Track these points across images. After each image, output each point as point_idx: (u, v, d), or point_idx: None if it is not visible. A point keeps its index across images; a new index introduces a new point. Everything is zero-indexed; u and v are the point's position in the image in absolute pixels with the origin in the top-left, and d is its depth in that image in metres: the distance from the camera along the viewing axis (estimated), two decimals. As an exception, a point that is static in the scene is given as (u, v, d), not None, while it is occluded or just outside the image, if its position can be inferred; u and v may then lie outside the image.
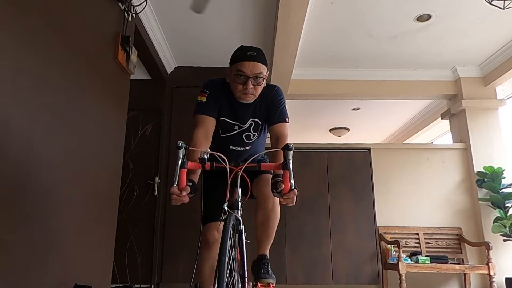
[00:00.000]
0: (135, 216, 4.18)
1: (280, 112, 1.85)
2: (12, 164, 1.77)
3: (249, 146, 1.93)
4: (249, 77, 1.70)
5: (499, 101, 4.81)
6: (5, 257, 1.71)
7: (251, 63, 1.69)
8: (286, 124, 1.85)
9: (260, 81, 1.74)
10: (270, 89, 1.89)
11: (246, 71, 1.70)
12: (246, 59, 1.70)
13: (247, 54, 1.71)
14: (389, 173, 4.70)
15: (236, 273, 1.51)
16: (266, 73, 1.76)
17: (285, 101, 1.92)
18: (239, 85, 1.73)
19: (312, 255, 4.35)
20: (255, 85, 1.73)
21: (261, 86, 1.78)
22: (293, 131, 7.40)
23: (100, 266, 2.72)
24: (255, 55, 1.71)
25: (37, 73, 1.96)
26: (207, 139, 1.78)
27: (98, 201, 2.67)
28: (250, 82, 1.71)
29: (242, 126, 1.88)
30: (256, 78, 1.72)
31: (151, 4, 3.56)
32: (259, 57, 1.73)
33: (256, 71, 1.70)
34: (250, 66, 1.69)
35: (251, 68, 1.69)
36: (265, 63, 1.75)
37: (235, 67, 1.73)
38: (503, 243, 4.22)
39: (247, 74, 1.70)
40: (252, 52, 1.72)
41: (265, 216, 1.80)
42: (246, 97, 1.76)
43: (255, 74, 1.71)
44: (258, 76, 1.71)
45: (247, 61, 1.69)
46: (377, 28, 4.04)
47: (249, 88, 1.72)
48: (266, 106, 1.87)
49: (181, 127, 4.49)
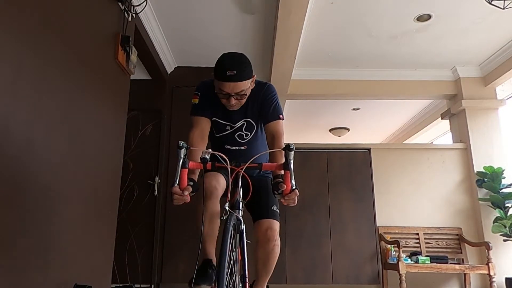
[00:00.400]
0: (135, 216, 4.17)
1: (273, 109, 1.83)
2: (12, 164, 1.76)
3: (244, 146, 1.91)
4: (231, 95, 1.69)
5: (499, 101, 4.81)
6: (5, 257, 1.71)
7: (231, 84, 1.65)
8: (281, 121, 1.83)
9: (243, 95, 1.71)
10: (261, 87, 1.86)
11: (227, 90, 1.67)
12: (226, 80, 1.64)
13: (227, 74, 1.63)
14: (389, 173, 4.70)
15: (237, 273, 1.51)
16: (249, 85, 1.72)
17: (278, 97, 1.89)
18: (223, 100, 1.73)
19: (312, 255, 4.35)
20: (238, 99, 1.71)
21: (246, 96, 1.75)
22: (293, 131, 7.40)
23: (100, 266, 2.71)
24: (234, 75, 1.63)
25: (37, 73, 1.96)
26: (203, 139, 1.80)
27: (98, 201, 2.67)
28: (232, 98, 1.69)
29: (234, 126, 1.88)
30: (238, 95, 1.69)
31: (151, 4, 3.56)
32: (240, 75, 1.64)
33: (236, 90, 1.67)
34: (230, 86, 1.66)
35: (232, 88, 1.66)
36: (247, 77, 1.68)
37: (216, 83, 1.70)
38: (503, 243, 4.22)
39: (229, 92, 1.68)
40: (232, 72, 1.62)
41: (265, 255, 1.82)
42: (231, 107, 1.76)
43: (236, 92, 1.68)
44: (240, 93, 1.69)
45: (227, 82, 1.65)
46: (377, 28, 4.04)
47: (232, 104, 1.71)
48: (259, 104, 1.85)
49: (181, 127, 4.48)
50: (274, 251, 1.82)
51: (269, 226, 1.79)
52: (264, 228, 1.79)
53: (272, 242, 1.78)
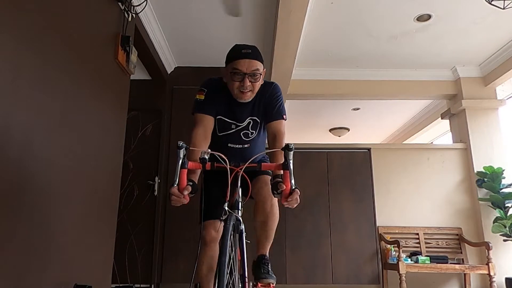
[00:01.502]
0: (135, 216, 4.18)
1: (277, 109, 1.85)
2: (12, 164, 1.77)
3: (247, 144, 1.92)
4: (246, 74, 1.71)
5: (499, 101, 4.81)
6: (5, 257, 1.71)
7: (247, 61, 1.71)
8: (283, 121, 1.85)
9: (257, 77, 1.74)
10: (268, 86, 1.89)
11: (242, 68, 1.70)
12: (242, 57, 1.71)
13: (242, 52, 1.72)
14: (389, 173, 4.70)
15: (237, 273, 1.51)
16: (262, 70, 1.77)
17: (282, 98, 1.92)
18: (236, 82, 1.73)
19: (312, 255, 4.35)
20: (252, 82, 1.74)
21: (259, 83, 1.78)
22: (293, 131, 7.40)
23: (100, 266, 2.72)
24: (250, 53, 1.72)
25: (37, 73, 1.96)
26: (206, 138, 1.79)
27: (98, 201, 2.67)
28: (247, 79, 1.71)
29: (240, 125, 1.88)
30: (253, 75, 1.72)
31: (151, 4, 3.56)
32: (254, 54, 1.74)
33: (252, 68, 1.71)
34: (246, 63, 1.70)
35: (247, 65, 1.70)
36: (260, 59, 1.76)
37: (231, 65, 1.73)
38: (503, 243, 4.22)
39: (244, 71, 1.71)
40: (247, 50, 1.73)
41: (264, 218, 1.81)
42: (244, 95, 1.76)
43: (252, 71, 1.71)
44: (254, 73, 1.72)
45: (243, 59, 1.71)
46: (377, 28, 4.04)
47: (247, 85, 1.72)
48: (264, 103, 1.87)
49: (181, 127, 4.48)
50: (273, 212, 1.81)
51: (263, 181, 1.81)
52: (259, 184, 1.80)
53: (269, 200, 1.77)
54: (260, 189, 1.80)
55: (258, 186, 1.81)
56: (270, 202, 1.78)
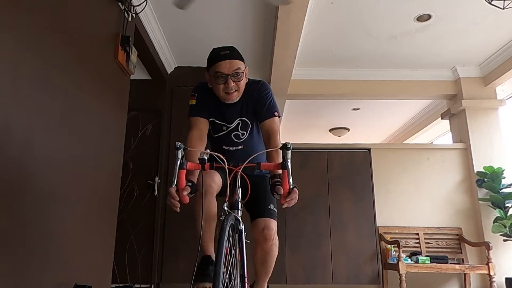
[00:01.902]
0: (135, 216, 4.18)
1: (268, 107, 1.84)
2: (12, 164, 1.77)
3: (241, 145, 1.91)
4: (228, 75, 1.72)
5: (499, 101, 4.81)
6: (5, 257, 1.71)
7: (227, 62, 1.73)
8: (276, 118, 1.84)
9: (240, 76, 1.76)
10: (255, 85, 1.89)
11: (224, 70, 1.72)
12: (221, 59, 1.73)
13: (221, 54, 1.75)
14: (389, 173, 4.70)
15: (236, 273, 1.51)
16: (244, 68, 1.78)
17: (272, 95, 1.90)
18: (221, 85, 1.75)
19: (312, 255, 4.35)
20: (236, 82, 1.75)
21: (243, 82, 1.79)
22: (293, 131, 7.40)
23: (100, 266, 2.72)
24: (228, 53, 1.75)
25: (37, 73, 1.96)
26: (202, 140, 1.81)
27: (98, 201, 2.67)
28: (230, 79, 1.73)
29: (229, 126, 1.88)
30: (235, 74, 1.74)
31: (151, 4, 3.57)
32: (233, 54, 1.76)
33: (233, 68, 1.73)
34: (226, 64, 1.72)
35: (228, 66, 1.72)
36: (240, 58, 1.78)
37: (213, 69, 1.76)
38: (503, 243, 4.22)
39: (226, 72, 1.72)
40: (225, 51, 1.75)
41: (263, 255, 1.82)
42: (230, 96, 1.78)
43: (234, 71, 1.73)
44: (237, 72, 1.74)
45: (223, 61, 1.73)
46: (377, 28, 4.04)
47: (231, 86, 1.74)
48: (253, 102, 1.86)
49: (181, 127, 4.49)
50: (272, 251, 1.82)
51: (266, 225, 1.79)
52: (261, 227, 1.79)
53: (270, 241, 1.78)
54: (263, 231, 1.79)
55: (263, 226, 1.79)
56: (271, 242, 1.79)
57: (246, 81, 1.83)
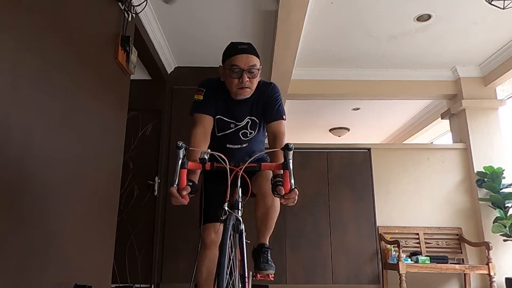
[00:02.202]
0: (135, 216, 4.18)
1: (277, 109, 1.85)
2: (12, 164, 1.77)
3: (246, 143, 1.92)
4: (244, 70, 1.71)
5: (499, 101, 4.81)
6: (5, 257, 1.71)
7: (244, 56, 1.72)
8: (283, 121, 1.85)
9: (255, 73, 1.75)
10: (267, 86, 1.89)
11: (240, 64, 1.71)
12: (239, 53, 1.72)
13: (239, 47, 1.74)
14: (389, 173, 4.70)
15: (237, 273, 1.51)
16: (259, 66, 1.77)
17: (281, 98, 1.92)
18: (235, 79, 1.74)
19: (312, 255, 4.35)
20: (250, 78, 1.74)
21: (256, 79, 1.78)
22: (293, 131, 7.40)
23: (100, 266, 2.72)
24: (246, 48, 1.74)
25: (37, 73, 1.96)
26: (206, 138, 1.79)
27: (98, 201, 2.67)
28: (245, 75, 1.72)
29: (239, 124, 1.88)
30: (250, 71, 1.73)
31: (151, 4, 3.56)
32: (251, 49, 1.76)
33: (249, 63, 1.72)
34: (243, 58, 1.71)
35: (245, 60, 1.71)
36: (257, 55, 1.77)
37: (229, 62, 1.74)
38: (503, 243, 4.22)
39: (241, 67, 1.71)
40: (243, 46, 1.75)
41: (264, 211, 1.81)
42: (242, 92, 1.77)
43: (249, 66, 1.72)
44: (252, 68, 1.73)
45: (240, 54, 1.72)
46: (377, 28, 4.04)
47: (245, 81, 1.73)
48: (263, 103, 1.86)
49: (181, 127, 4.48)
50: (274, 206, 1.81)
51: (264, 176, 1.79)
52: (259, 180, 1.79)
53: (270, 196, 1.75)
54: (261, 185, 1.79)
55: (259, 181, 1.80)
56: (271, 198, 1.77)
57: (259, 79, 1.83)
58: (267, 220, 1.83)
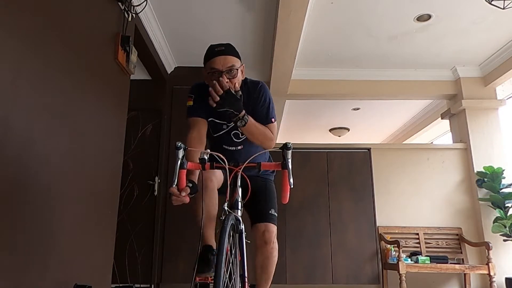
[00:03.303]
0: (135, 216, 4.18)
1: (266, 112, 1.84)
2: (12, 164, 1.77)
3: (240, 145, 1.91)
4: (222, 71, 1.71)
5: (499, 101, 4.81)
6: (5, 257, 1.71)
7: (222, 57, 1.72)
8: (273, 124, 1.85)
9: (234, 73, 1.74)
10: (254, 86, 1.88)
11: (218, 66, 1.71)
12: (216, 55, 1.72)
13: (215, 50, 1.74)
14: (389, 173, 4.70)
15: (236, 273, 1.51)
16: (240, 65, 1.77)
17: (271, 97, 1.90)
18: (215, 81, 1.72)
19: (312, 255, 4.35)
20: (230, 78, 1.73)
21: (237, 79, 1.77)
22: (293, 131, 7.40)
23: (100, 266, 2.72)
24: (223, 50, 1.74)
25: (37, 73, 1.96)
26: (201, 140, 1.80)
27: (98, 201, 2.67)
28: (224, 76, 1.70)
29: (229, 125, 1.88)
30: (229, 71, 1.72)
31: (151, 4, 3.56)
32: (228, 50, 1.75)
33: (227, 64, 1.72)
34: (220, 60, 1.71)
35: (222, 62, 1.71)
36: (235, 55, 1.76)
37: (208, 66, 1.75)
38: (503, 243, 4.22)
39: (220, 69, 1.71)
40: (220, 48, 1.74)
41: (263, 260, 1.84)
42: None
43: (228, 67, 1.72)
44: (231, 69, 1.72)
45: (217, 57, 1.72)
46: (377, 28, 4.04)
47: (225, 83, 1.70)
48: (252, 104, 1.85)
49: (181, 127, 4.48)
50: (272, 255, 1.84)
51: (266, 229, 1.81)
52: (261, 231, 1.81)
53: (270, 245, 1.80)
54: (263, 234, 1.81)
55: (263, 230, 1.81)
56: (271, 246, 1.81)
57: (242, 78, 1.82)
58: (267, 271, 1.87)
